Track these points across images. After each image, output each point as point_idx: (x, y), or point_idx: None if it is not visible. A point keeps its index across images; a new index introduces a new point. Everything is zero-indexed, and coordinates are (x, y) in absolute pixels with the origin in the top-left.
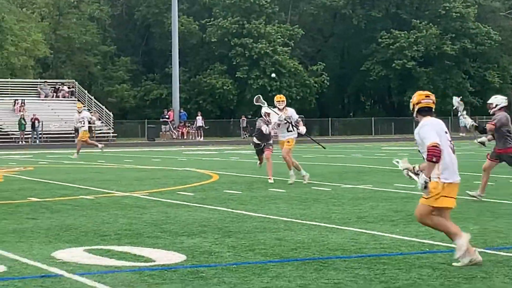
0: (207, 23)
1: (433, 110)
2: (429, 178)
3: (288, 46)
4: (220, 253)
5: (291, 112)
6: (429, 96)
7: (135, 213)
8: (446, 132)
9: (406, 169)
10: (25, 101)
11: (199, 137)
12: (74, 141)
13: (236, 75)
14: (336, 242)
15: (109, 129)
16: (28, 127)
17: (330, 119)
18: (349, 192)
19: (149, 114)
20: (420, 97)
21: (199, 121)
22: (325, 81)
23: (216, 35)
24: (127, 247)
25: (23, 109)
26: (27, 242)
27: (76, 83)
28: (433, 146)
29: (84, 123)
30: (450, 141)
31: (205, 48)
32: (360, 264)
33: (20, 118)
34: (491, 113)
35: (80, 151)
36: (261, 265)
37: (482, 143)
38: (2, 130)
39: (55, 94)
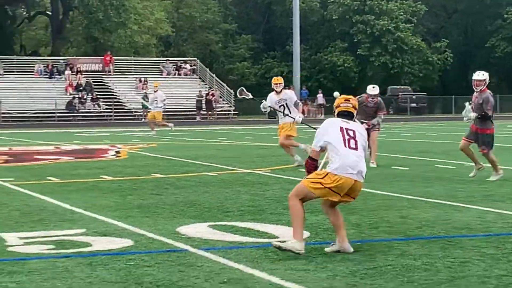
0: (328, 1)
1: (354, 115)
2: None
3: (411, 23)
4: None
5: (289, 95)
6: (348, 100)
7: (258, 189)
8: (349, 130)
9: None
10: (148, 79)
11: (320, 114)
12: (195, 118)
13: (357, 53)
14: (462, 221)
15: (230, 106)
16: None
17: (453, 96)
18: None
19: (270, 91)
20: (340, 101)
21: (320, 98)
22: (449, 58)
23: (337, 12)
24: (251, 223)
25: (146, 87)
26: (152, 217)
27: (198, 61)
28: (308, 157)
29: (157, 103)
30: (353, 138)
31: (326, 25)
32: (487, 243)
33: (143, 95)
34: (478, 90)
35: (158, 129)
36: (386, 243)
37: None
38: (126, 107)
39: (177, 72)
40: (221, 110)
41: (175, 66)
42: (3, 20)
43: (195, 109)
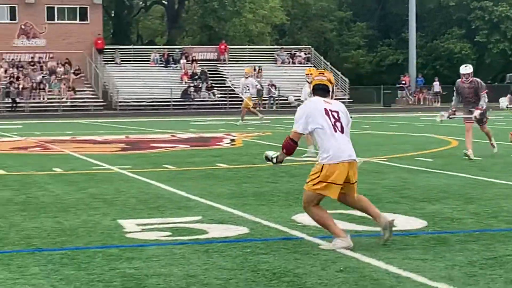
0: None
1: (330, 90)
2: (277, 161)
3: None
4: (462, 220)
5: None
6: (323, 73)
7: (374, 178)
8: (333, 111)
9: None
10: (262, 67)
11: (436, 102)
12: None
13: (474, 39)
14: None
15: (345, 95)
16: (265, 93)
17: None
18: None
19: (385, 79)
20: (315, 74)
21: (436, 86)
22: None
23: None
24: None
25: (260, 75)
26: (267, 205)
27: (312, 49)
28: (290, 137)
29: (249, 90)
30: (338, 120)
31: (443, 12)
32: None
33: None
34: None
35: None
36: (505, 233)
37: None
38: (240, 96)
39: (291, 60)
40: (336, 98)
41: (289, 55)
42: (120, 10)
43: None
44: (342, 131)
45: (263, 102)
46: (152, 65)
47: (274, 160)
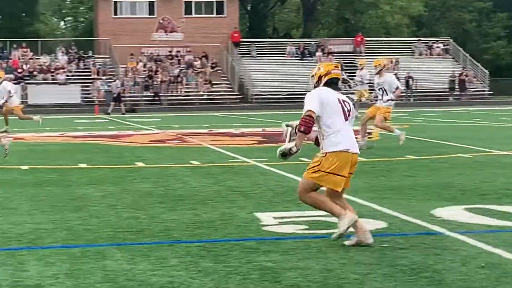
0: None
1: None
2: (297, 148)
3: None
4: None
5: (388, 80)
6: (338, 67)
7: None
8: (343, 101)
9: (289, 126)
10: (399, 59)
11: None
12: (448, 99)
13: None
14: None
15: (484, 87)
16: (403, 86)
17: None
18: None
19: None
20: (329, 67)
21: None
22: None
23: None
24: (508, 206)
25: (397, 67)
26: (405, 199)
27: (451, 40)
28: (306, 115)
29: (361, 82)
30: (349, 110)
31: None
32: None
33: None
34: None
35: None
36: None
37: None
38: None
39: (429, 52)
40: (475, 91)
41: (427, 46)
42: (257, 3)
43: (447, 90)
44: (348, 121)
45: (401, 95)
46: (288, 58)
47: (294, 149)
